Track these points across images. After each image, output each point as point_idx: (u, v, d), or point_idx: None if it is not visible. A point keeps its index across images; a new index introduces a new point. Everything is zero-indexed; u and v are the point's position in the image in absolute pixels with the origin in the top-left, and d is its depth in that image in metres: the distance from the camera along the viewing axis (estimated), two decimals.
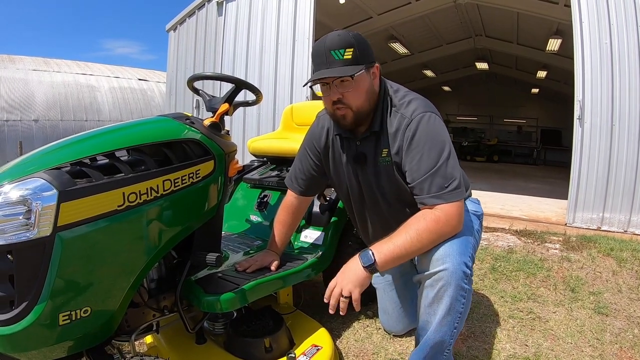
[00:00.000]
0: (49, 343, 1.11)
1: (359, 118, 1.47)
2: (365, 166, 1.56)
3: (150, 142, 1.30)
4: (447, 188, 1.33)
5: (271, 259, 1.72)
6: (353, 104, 1.43)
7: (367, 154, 1.55)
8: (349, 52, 1.37)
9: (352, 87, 1.41)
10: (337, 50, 1.37)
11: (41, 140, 10.97)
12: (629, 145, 4.17)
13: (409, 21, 9.73)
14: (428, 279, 1.35)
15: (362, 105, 1.45)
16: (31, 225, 1.04)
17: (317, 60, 1.41)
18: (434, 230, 1.31)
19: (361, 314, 2.16)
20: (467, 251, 1.36)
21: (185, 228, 1.38)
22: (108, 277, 1.19)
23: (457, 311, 1.33)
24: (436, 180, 1.34)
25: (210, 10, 7.00)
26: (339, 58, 1.37)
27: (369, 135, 1.52)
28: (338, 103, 1.43)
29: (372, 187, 1.59)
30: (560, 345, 1.96)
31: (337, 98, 1.42)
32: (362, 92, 1.43)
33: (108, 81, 14.19)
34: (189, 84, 1.76)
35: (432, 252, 1.35)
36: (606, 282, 2.75)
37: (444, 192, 1.33)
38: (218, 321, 1.71)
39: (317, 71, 1.41)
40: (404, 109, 1.46)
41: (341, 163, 1.66)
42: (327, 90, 1.44)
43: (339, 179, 1.71)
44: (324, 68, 1.39)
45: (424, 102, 1.48)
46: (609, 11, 4.22)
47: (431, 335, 1.36)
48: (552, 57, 10.85)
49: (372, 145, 1.53)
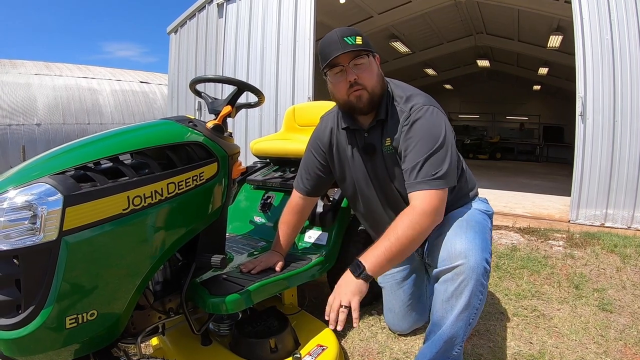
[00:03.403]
0: (55, 347, 1.12)
1: (373, 100, 1.51)
2: (375, 156, 1.60)
3: (153, 145, 1.30)
4: (434, 175, 1.38)
5: (276, 260, 1.73)
6: (368, 83, 1.49)
7: (375, 144, 1.59)
8: (359, 39, 1.46)
9: (367, 68, 1.48)
10: (349, 37, 1.45)
11: (44, 144, 11.02)
12: (632, 141, 4.16)
13: (409, 20, 9.73)
14: (448, 272, 1.36)
15: (375, 87, 1.51)
16: (37, 230, 1.05)
17: (329, 48, 1.46)
18: (413, 229, 1.35)
19: (366, 314, 2.16)
20: (487, 247, 1.39)
21: (189, 230, 1.38)
22: (114, 280, 1.19)
23: (474, 307, 1.34)
24: (425, 168, 1.40)
25: (210, 12, 7.01)
26: (352, 43, 1.44)
27: (375, 124, 1.56)
28: (354, 85, 1.48)
29: (382, 175, 1.62)
30: (565, 343, 1.96)
31: (354, 79, 1.47)
32: (374, 74, 1.51)
33: (110, 84, 14.23)
34: (191, 86, 1.76)
35: (452, 246, 1.37)
36: (610, 278, 2.74)
37: (430, 179, 1.38)
38: (223, 322, 1.71)
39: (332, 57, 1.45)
40: (406, 102, 1.53)
41: (347, 157, 1.68)
42: (342, 74, 1.49)
43: (344, 174, 1.73)
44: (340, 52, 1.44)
45: (425, 97, 1.55)
46: (609, 6, 4.21)
47: (446, 330, 1.36)
48: (553, 54, 10.81)
49: (378, 134, 1.58)
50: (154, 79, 15.93)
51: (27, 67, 13.01)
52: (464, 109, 19.63)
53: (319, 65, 1.57)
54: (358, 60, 1.46)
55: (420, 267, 1.92)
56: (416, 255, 1.87)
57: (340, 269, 2.06)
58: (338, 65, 1.47)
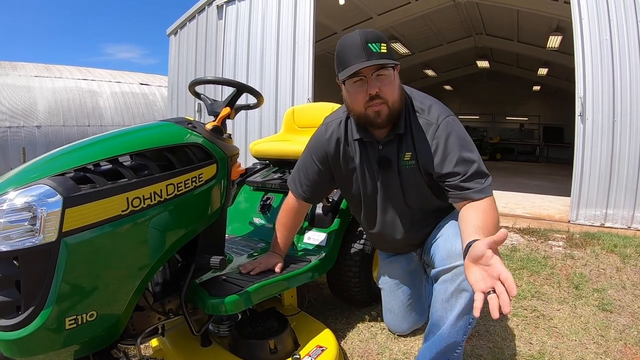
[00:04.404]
0: (55, 347, 1.12)
1: (392, 115, 1.45)
2: (390, 170, 1.56)
3: (153, 147, 1.31)
4: (484, 183, 1.40)
5: (275, 261, 1.73)
6: (390, 97, 1.41)
7: (391, 158, 1.54)
8: (384, 46, 1.37)
9: (390, 81, 1.40)
10: (375, 44, 1.35)
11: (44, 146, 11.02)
12: (631, 141, 4.17)
13: (409, 21, 9.74)
14: (447, 272, 1.35)
15: (396, 101, 1.45)
16: (36, 231, 1.05)
17: (351, 53, 1.36)
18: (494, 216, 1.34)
19: (365, 315, 2.16)
20: None
21: (189, 231, 1.39)
22: (113, 281, 1.20)
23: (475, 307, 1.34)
24: (477, 178, 1.40)
25: (210, 14, 7.02)
26: (377, 51, 1.35)
27: (392, 138, 1.52)
28: (376, 98, 1.40)
29: (394, 191, 1.59)
30: (565, 343, 1.96)
31: (375, 92, 1.39)
32: (396, 87, 1.44)
33: (110, 86, 14.24)
34: (191, 88, 1.77)
35: (451, 246, 1.37)
36: (610, 278, 2.74)
37: (484, 187, 1.40)
38: (223, 323, 1.71)
39: (353, 64, 1.35)
40: (428, 114, 1.49)
41: (355, 169, 1.64)
42: (362, 85, 1.40)
43: (350, 184, 1.69)
44: (362, 60, 1.34)
45: (442, 107, 1.53)
46: (608, 7, 4.22)
47: (446, 330, 1.36)
48: (552, 54, 10.83)
49: (394, 148, 1.54)
50: (154, 81, 15.94)
51: (27, 69, 13.02)
52: (463, 110, 19.62)
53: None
54: (382, 71, 1.38)
55: (419, 268, 1.92)
56: (415, 255, 1.87)
57: (339, 270, 2.08)
58: (359, 75, 1.38)
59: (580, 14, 4.34)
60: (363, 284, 2.12)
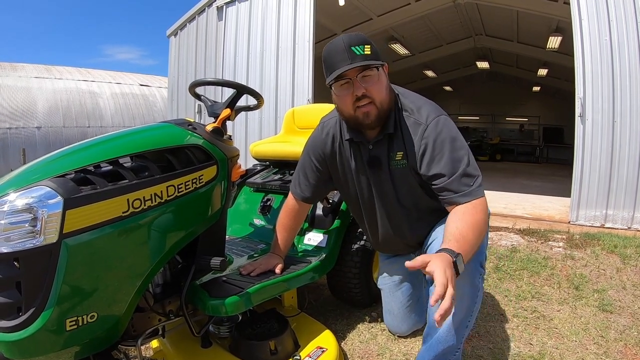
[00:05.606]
0: (56, 349, 1.12)
1: (381, 115, 1.46)
2: (380, 170, 1.57)
3: (153, 148, 1.31)
4: (472, 186, 1.38)
5: (275, 262, 1.73)
6: (377, 97, 1.43)
7: (381, 157, 1.55)
8: (368, 48, 1.40)
9: (376, 81, 1.42)
10: (358, 46, 1.38)
11: (44, 147, 11.03)
12: (631, 142, 4.17)
13: (408, 22, 9.74)
14: None
15: (384, 101, 1.46)
16: (37, 232, 1.06)
17: (336, 58, 1.39)
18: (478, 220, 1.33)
19: (365, 316, 2.16)
20: (482, 250, 1.38)
21: (189, 233, 1.39)
22: (114, 282, 1.20)
23: (470, 309, 1.34)
24: (464, 180, 1.39)
25: (210, 15, 7.02)
26: (360, 53, 1.38)
27: (382, 138, 1.52)
28: (362, 99, 1.42)
29: (386, 190, 1.59)
30: (565, 344, 1.96)
31: (362, 93, 1.41)
32: (383, 86, 1.45)
33: (110, 87, 14.25)
34: (191, 89, 1.77)
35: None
36: (610, 279, 2.74)
37: (472, 189, 1.38)
38: (223, 324, 1.72)
39: (338, 68, 1.38)
40: (418, 114, 1.49)
41: (350, 169, 1.65)
42: (348, 87, 1.42)
43: (347, 184, 1.70)
44: (346, 64, 1.37)
45: (434, 106, 1.52)
46: (608, 8, 4.22)
47: (443, 333, 1.36)
48: (552, 55, 10.83)
49: (384, 148, 1.54)
50: (154, 82, 15.96)
51: (27, 70, 13.04)
52: (463, 111, 19.62)
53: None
54: (367, 72, 1.40)
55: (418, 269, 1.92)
56: (414, 256, 1.87)
57: (339, 271, 2.08)
58: (344, 77, 1.41)
59: (580, 14, 4.34)
60: (363, 285, 2.12)
